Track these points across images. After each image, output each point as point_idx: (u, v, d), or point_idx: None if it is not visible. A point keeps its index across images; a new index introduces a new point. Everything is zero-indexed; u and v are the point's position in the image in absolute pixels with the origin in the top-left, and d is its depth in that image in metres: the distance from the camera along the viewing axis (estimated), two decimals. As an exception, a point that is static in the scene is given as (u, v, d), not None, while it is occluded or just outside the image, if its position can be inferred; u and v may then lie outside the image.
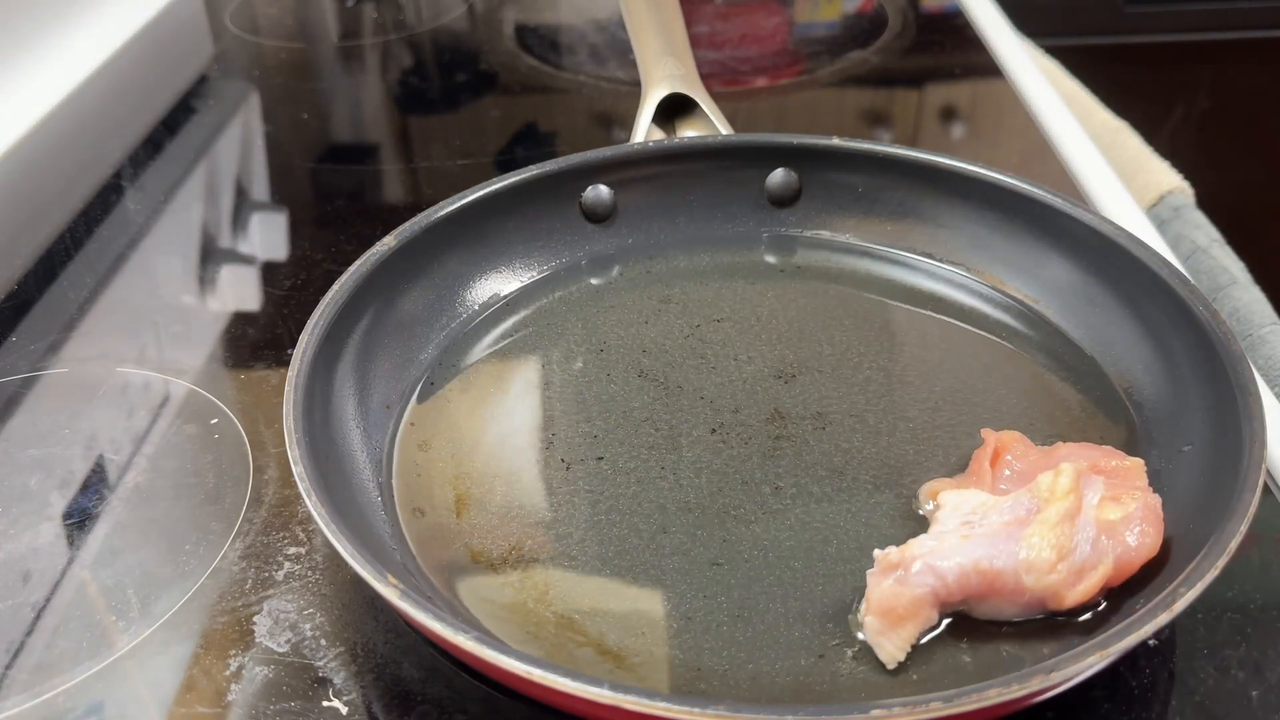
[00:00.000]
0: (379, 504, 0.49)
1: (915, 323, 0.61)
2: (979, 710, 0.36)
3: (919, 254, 0.65)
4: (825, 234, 0.67)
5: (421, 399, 0.56)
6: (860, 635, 0.43)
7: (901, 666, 0.42)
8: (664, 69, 0.71)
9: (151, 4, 1.11)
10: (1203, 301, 0.52)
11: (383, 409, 0.54)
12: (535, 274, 0.64)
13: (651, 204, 0.67)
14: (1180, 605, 0.38)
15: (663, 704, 0.35)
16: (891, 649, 0.42)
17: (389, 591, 0.39)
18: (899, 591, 0.42)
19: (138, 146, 0.88)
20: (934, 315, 0.62)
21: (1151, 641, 0.44)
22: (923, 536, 0.44)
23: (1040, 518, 0.43)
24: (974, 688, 0.35)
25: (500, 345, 0.60)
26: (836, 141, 0.66)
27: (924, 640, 0.43)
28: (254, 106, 0.97)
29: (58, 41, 0.99)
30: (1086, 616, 0.43)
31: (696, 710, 0.35)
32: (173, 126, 0.91)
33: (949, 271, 0.64)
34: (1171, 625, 0.44)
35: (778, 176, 0.67)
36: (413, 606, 0.38)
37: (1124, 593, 0.43)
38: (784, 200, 0.68)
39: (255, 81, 1.02)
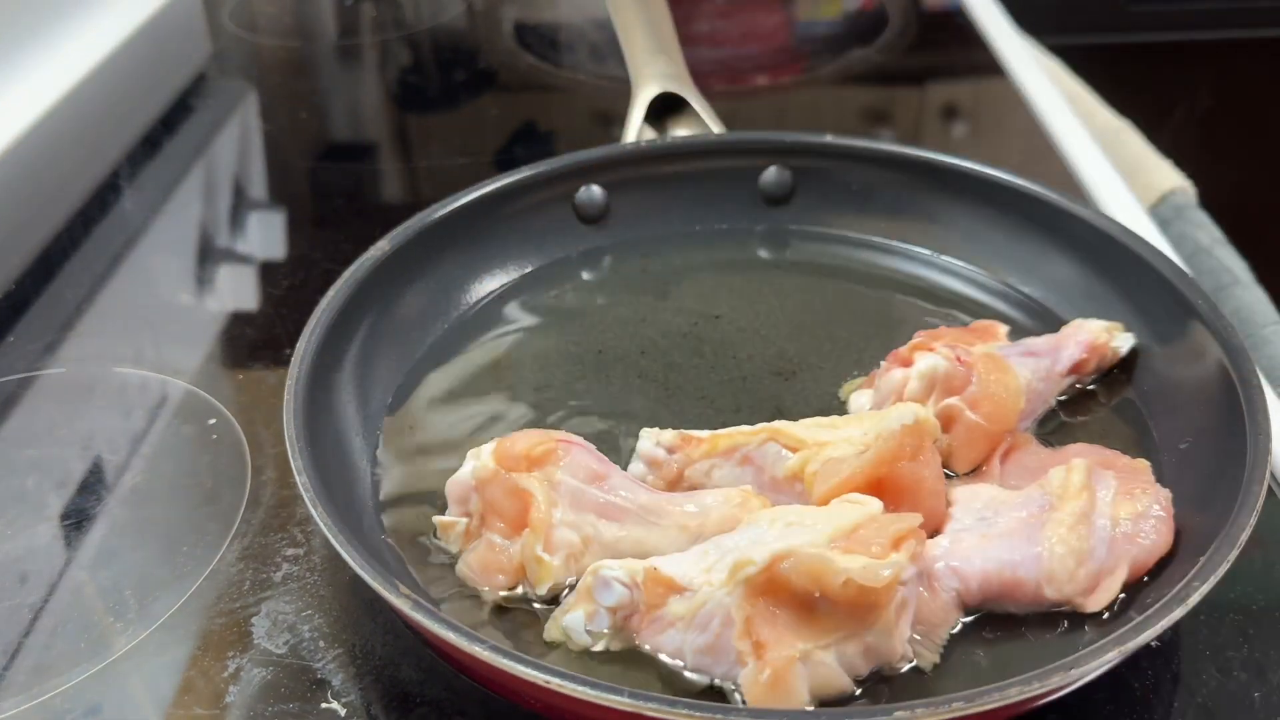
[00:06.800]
0: (381, 513, 0.49)
1: (914, 316, 0.61)
2: (999, 709, 0.35)
3: (916, 248, 0.65)
4: (820, 230, 0.67)
5: (420, 402, 0.55)
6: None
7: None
8: (654, 68, 0.70)
9: (149, 2, 1.10)
10: (1202, 295, 0.52)
11: (381, 413, 0.54)
12: (530, 275, 0.64)
13: (645, 203, 0.67)
14: (1195, 599, 0.38)
15: (684, 711, 0.35)
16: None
17: (401, 602, 0.39)
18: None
19: (135, 146, 0.87)
20: (933, 308, 0.61)
21: (1154, 643, 0.44)
22: (940, 537, 0.44)
23: (1055, 518, 0.43)
24: (995, 686, 0.35)
25: (497, 347, 0.60)
26: (829, 139, 0.66)
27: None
28: (252, 105, 0.97)
29: (55, 40, 0.99)
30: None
31: (719, 716, 0.35)
32: (171, 125, 0.91)
33: (947, 263, 0.64)
34: (1175, 626, 0.44)
35: (771, 174, 0.67)
36: (426, 617, 0.38)
37: (1134, 583, 0.43)
38: (778, 198, 0.68)
39: (253, 80, 1.02)
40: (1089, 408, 0.54)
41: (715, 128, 0.69)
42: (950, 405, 0.49)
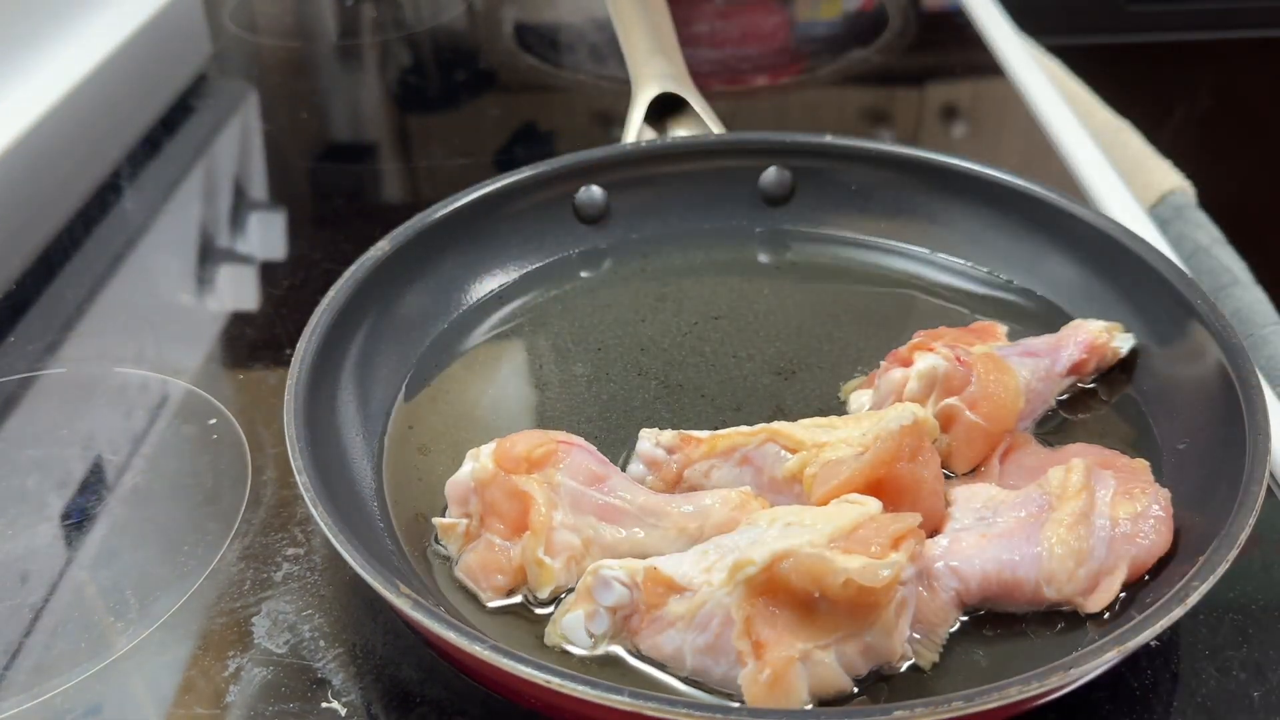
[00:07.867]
0: (381, 513, 0.49)
1: (914, 316, 0.61)
2: (999, 709, 0.35)
3: (915, 248, 0.65)
4: (820, 231, 0.67)
5: (420, 402, 0.55)
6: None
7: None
8: (654, 68, 0.71)
9: (149, 2, 1.10)
10: (1201, 295, 0.52)
11: (382, 414, 0.54)
12: (530, 275, 0.64)
13: (645, 203, 0.67)
14: (1194, 599, 0.38)
15: (684, 710, 0.35)
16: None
17: (401, 601, 0.39)
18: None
19: (136, 146, 0.87)
20: (933, 308, 0.61)
21: (1154, 643, 0.44)
22: (939, 536, 0.44)
23: (1055, 518, 0.43)
24: (995, 686, 0.35)
25: (497, 347, 0.60)
26: (829, 139, 0.66)
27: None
28: (252, 106, 0.97)
29: (56, 40, 0.99)
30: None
31: (719, 716, 0.35)
32: (171, 126, 0.91)
33: (947, 263, 0.64)
34: (1174, 626, 0.44)
35: (771, 175, 0.67)
36: (426, 616, 0.38)
37: (1134, 583, 0.44)
38: (777, 198, 0.68)
39: (254, 80, 1.02)
40: (1089, 406, 0.54)
41: (715, 128, 0.69)
42: (950, 405, 0.49)
